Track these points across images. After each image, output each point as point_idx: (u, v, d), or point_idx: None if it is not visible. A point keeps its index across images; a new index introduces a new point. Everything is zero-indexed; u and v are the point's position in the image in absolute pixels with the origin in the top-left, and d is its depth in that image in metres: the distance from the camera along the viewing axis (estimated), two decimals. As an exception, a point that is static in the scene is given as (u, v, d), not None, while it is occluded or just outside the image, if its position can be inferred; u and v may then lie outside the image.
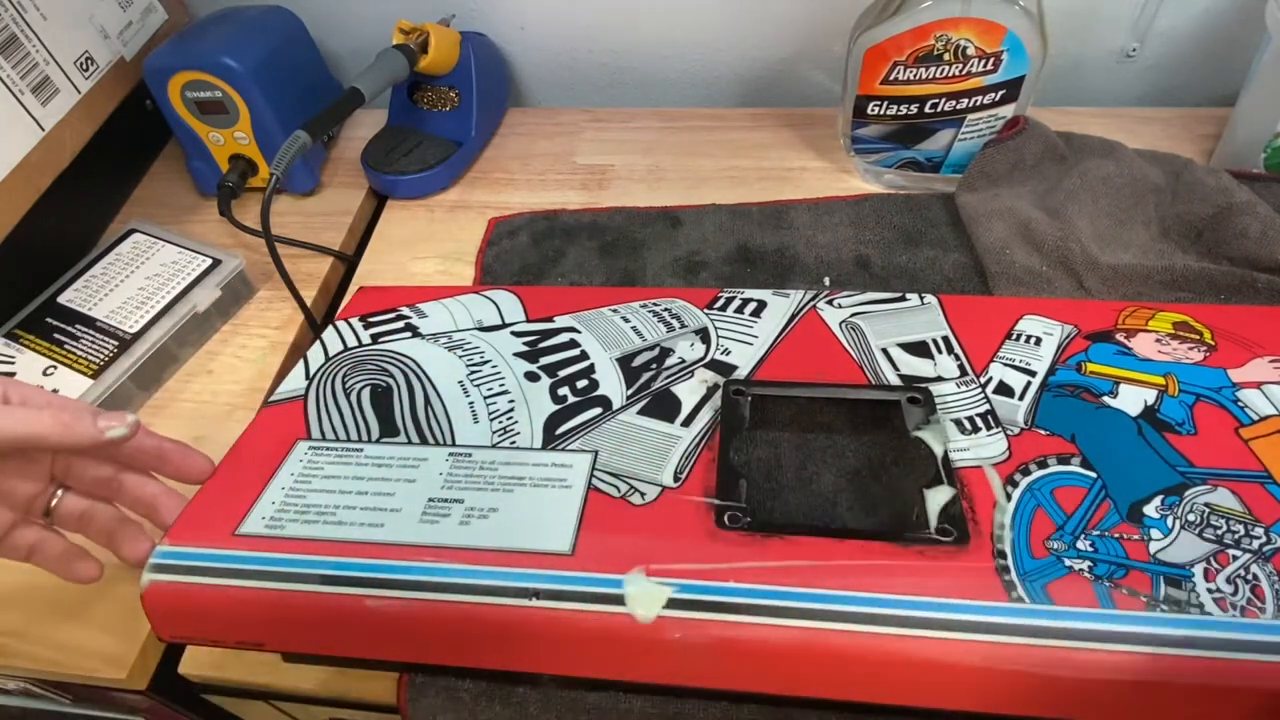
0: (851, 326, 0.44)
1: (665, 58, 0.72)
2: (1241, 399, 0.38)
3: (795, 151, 0.65)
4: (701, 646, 0.32)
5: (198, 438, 0.51)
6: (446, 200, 0.65)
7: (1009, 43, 0.51)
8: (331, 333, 0.47)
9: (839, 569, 0.32)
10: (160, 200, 0.67)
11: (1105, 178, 0.54)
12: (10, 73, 0.53)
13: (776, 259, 0.56)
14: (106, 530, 0.39)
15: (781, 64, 0.71)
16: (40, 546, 0.38)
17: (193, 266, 0.55)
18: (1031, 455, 0.36)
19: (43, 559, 0.38)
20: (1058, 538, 0.33)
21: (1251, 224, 0.49)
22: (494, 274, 0.57)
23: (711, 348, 0.44)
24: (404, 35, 0.62)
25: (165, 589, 0.34)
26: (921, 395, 0.39)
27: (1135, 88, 0.70)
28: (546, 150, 0.68)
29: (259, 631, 0.35)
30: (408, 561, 0.34)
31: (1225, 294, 0.49)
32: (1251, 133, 0.56)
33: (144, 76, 0.60)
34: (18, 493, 0.37)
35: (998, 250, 0.52)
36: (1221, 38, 0.65)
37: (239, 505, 0.37)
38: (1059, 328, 0.43)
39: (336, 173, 0.68)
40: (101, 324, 0.52)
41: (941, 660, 0.30)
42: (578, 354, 0.44)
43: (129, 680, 0.41)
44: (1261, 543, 0.32)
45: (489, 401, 0.41)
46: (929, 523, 0.34)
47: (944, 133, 0.57)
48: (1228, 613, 0.30)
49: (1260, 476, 0.34)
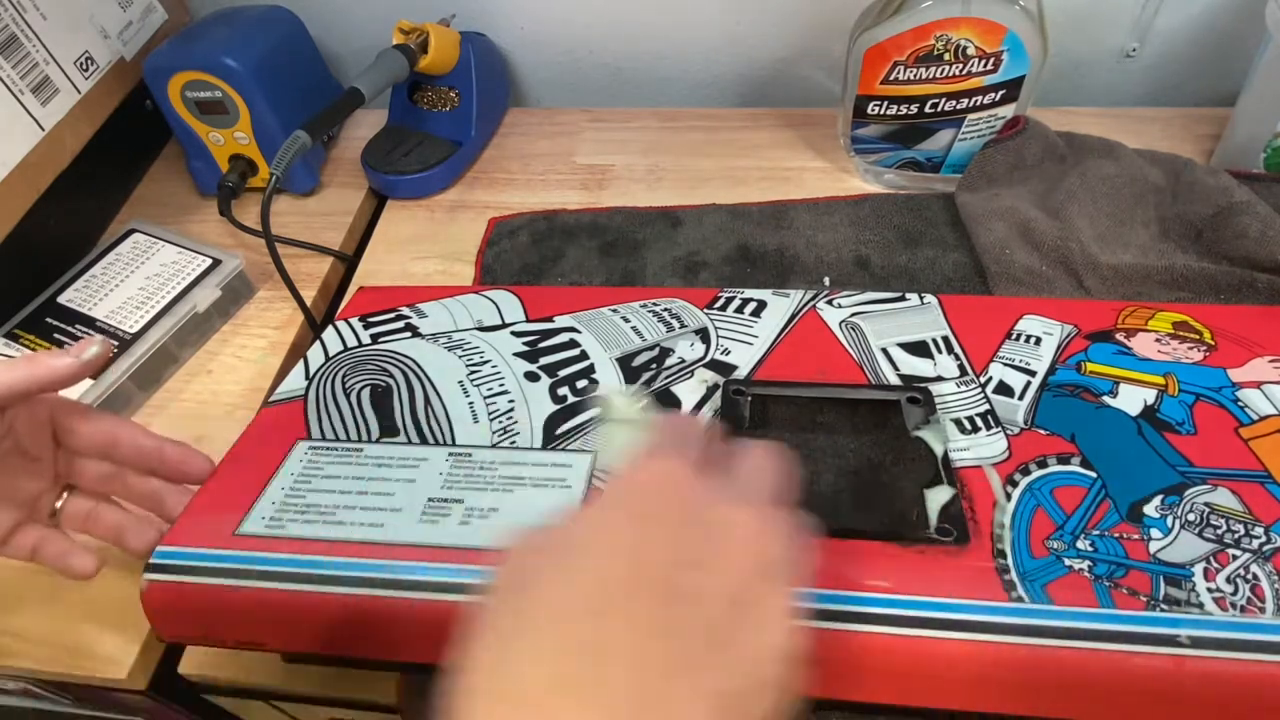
0: (851, 326, 0.44)
1: (665, 58, 0.72)
2: (1241, 399, 0.38)
3: (795, 151, 0.65)
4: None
5: (198, 438, 0.51)
6: (446, 200, 0.65)
7: (1009, 43, 0.51)
8: (331, 333, 0.47)
9: (839, 569, 0.32)
10: (160, 200, 0.67)
11: (1105, 178, 0.54)
12: (10, 73, 0.53)
13: (776, 259, 0.56)
14: (114, 526, 0.39)
15: (781, 64, 0.71)
16: (42, 545, 0.38)
17: (193, 266, 0.55)
18: (1031, 455, 0.36)
19: (43, 557, 0.38)
20: (1058, 537, 0.33)
21: (1251, 224, 0.49)
22: (494, 274, 0.57)
23: (711, 348, 0.44)
24: (404, 35, 0.62)
25: (165, 589, 0.34)
26: (921, 395, 0.39)
27: (1135, 88, 0.70)
28: (546, 150, 0.68)
29: (259, 631, 0.35)
30: (408, 561, 0.34)
31: (1225, 294, 0.49)
32: (1251, 133, 0.56)
33: (144, 76, 0.60)
34: (22, 492, 0.37)
35: (997, 250, 0.52)
36: (1221, 38, 0.65)
37: (239, 505, 0.37)
38: (1059, 327, 0.43)
39: (336, 173, 0.68)
40: (101, 324, 0.52)
41: (941, 660, 0.30)
42: (578, 354, 0.44)
43: (129, 680, 0.41)
44: (1261, 542, 0.32)
45: (489, 401, 0.41)
46: (929, 523, 0.34)
47: (944, 133, 0.57)
48: (1228, 612, 0.30)
49: (1260, 476, 0.34)
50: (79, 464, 0.38)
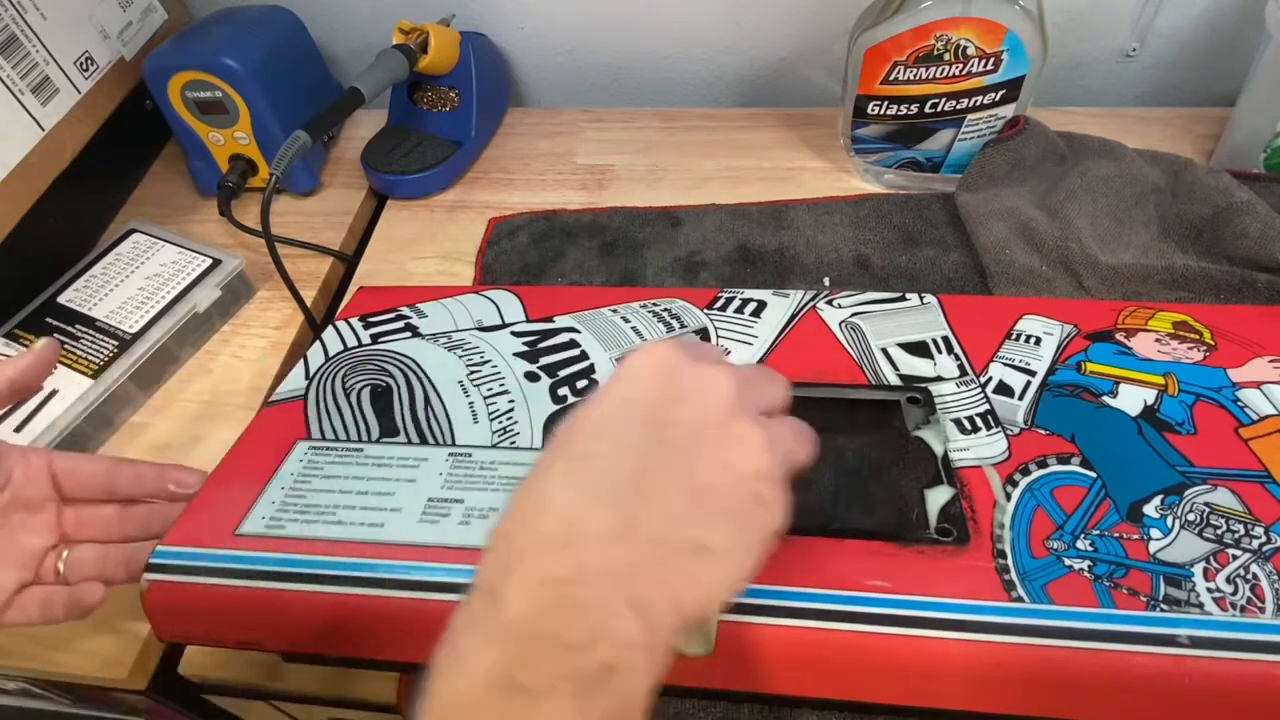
0: (851, 326, 0.44)
1: (665, 58, 0.72)
2: (1241, 399, 0.38)
3: (795, 151, 0.65)
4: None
5: (198, 438, 0.51)
6: (446, 200, 0.65)
7: (1009, 43, 0.51)
8: (331, 333, 0.47)
9: (839, 569, 0.32)
10: (160, 200, 0.67)
11: (1105, 178, 0.54)
12: (10, 73, 0.53)
13: (776, 259, 0.56)
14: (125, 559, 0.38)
15: (781, 64, 0.71)
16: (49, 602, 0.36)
17: (193, 266, 0.55)
18: (1031, 455, 0.36)
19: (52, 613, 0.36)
20: (1057, 537, 0.33)
21: (1251, 224, 0.49)
22: (494, 274, 0.57)
23: (711, 348, 0.44)
24: (404, 35, 0.62)
25: (165, 589, 0.34)
26: (921, 395, 0.39)
27: (1135, 88, 0.70)
28: (546, 150, 0.68)
29: (259, 631, 0.35)
30: (408, 561, 0.34)
31: (1225, 294, 0.49)
32: (1251, 133, 0.56)
33: (144, 76, 0.60)
34: (24, 550, 0.36)
35: (997, 250, 0.52)
36: (1221, 38, 0.65)
37: (239, 505, 0.37)
38: (1059, 327, 0.43)
39: (336, 173, 0.68)
40: (101, 324, 0.52)
41: (941, 660, 0.30)
42: (578, 354, 0.44)
43: (129, 680, 0.41)
44: (1261, 542, 0.32)
45: (489, 401, 0.41)
46: (929, 523, 0.34)
47: (944, 133, 0.57)
48: (1227, 612, 0.30)
49: (1260, 476, 0.34)
50: (84, 514, 0.37)
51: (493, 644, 0.22)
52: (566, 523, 0.23)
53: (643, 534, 0.23)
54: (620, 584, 0.23)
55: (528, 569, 0.23)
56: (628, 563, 0.23)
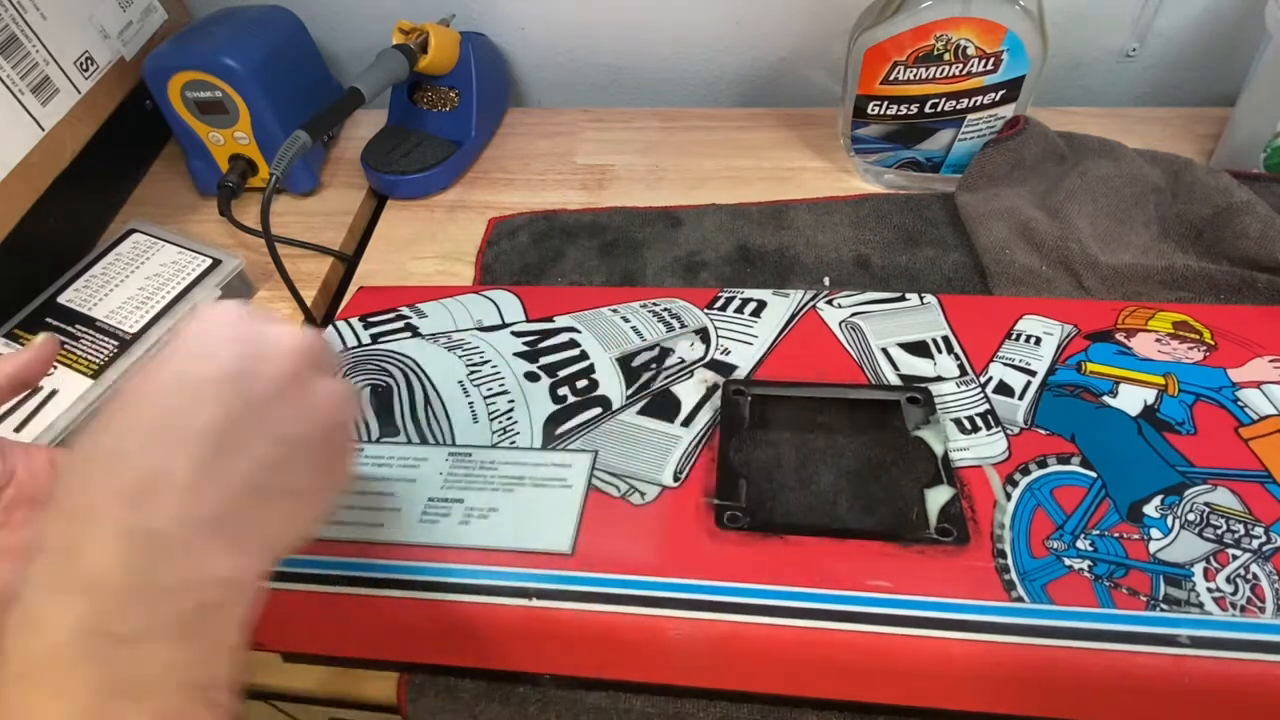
0: (851, 326, 0.44)
1: (665, 58, 0.72)
2: (1241, 399, 0.38)
3: (795, 151, 0.65)
4: (701, 646, 0.32)
5: (198, 438, 0.50)
6: (446, 200, 0.65)
7: (1009, 43, 0.51)
8: (331, 333, 0.47)
9: (839, 569, 0.32)
10: (160, 200, 0.67)
11: (1105, 178, 0.54)
12: (10, 73, 0.53)
13: (776, 259, 0.56)
14: None
15: (781, 64, 0.71)
16: None
17: (193, 266, 0.55)
18: (1031, 455, 0.36)
19: None
20: (1057, 537, 0.33)
21: (1251, 224, 0.49)
22: (494, 274, 0.57)
23: (711, 348, 0.44)
24: (404, 35, 0.62)
25: (165, 589, 0.34)
26: (921, 395, 0.39)
27: (1135, 88, 0.70)
28: (546, 150, 0.68)
29: (259, 631, 0.35)
30: (408, 561, 0.34)
31: (1225, 294, 0.49)
32: (1251, 133, 0.56)
33: (144, 76, 0.59)
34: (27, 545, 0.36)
35: (997, 250, 0.52)
36: (1221, 38, 0.65)
37: (239, 505, 0.36)
38: (1059, 327, 0.43)
39: (336, 173, 0.68)
40: (101, 324, 0.52)
41: (941, 660, 0.30)
42: (578, 354, 0.44)
43: (129, 680, 0.41)
44: (1261, 542, 0.32)
45: (489, 401, 0.41)
46: (929, 522, 0.34)
47: (944, 133, 0.57)
48: (1228, 612, 0.30)
49: (1260, 476, 0.34)
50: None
51: (75, 599, 0.22)
52: (147, 473, 0.24)
53: (233, 479, 0.25)
54: (212, 527, 0.24)
55: (106, 522, 0.23)
56: (218, 506, 0.24)
